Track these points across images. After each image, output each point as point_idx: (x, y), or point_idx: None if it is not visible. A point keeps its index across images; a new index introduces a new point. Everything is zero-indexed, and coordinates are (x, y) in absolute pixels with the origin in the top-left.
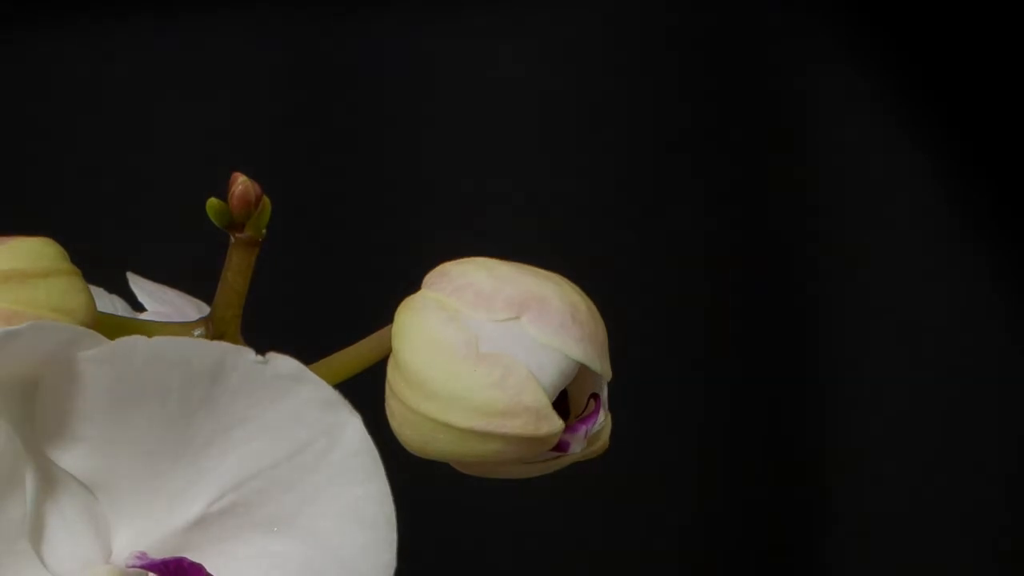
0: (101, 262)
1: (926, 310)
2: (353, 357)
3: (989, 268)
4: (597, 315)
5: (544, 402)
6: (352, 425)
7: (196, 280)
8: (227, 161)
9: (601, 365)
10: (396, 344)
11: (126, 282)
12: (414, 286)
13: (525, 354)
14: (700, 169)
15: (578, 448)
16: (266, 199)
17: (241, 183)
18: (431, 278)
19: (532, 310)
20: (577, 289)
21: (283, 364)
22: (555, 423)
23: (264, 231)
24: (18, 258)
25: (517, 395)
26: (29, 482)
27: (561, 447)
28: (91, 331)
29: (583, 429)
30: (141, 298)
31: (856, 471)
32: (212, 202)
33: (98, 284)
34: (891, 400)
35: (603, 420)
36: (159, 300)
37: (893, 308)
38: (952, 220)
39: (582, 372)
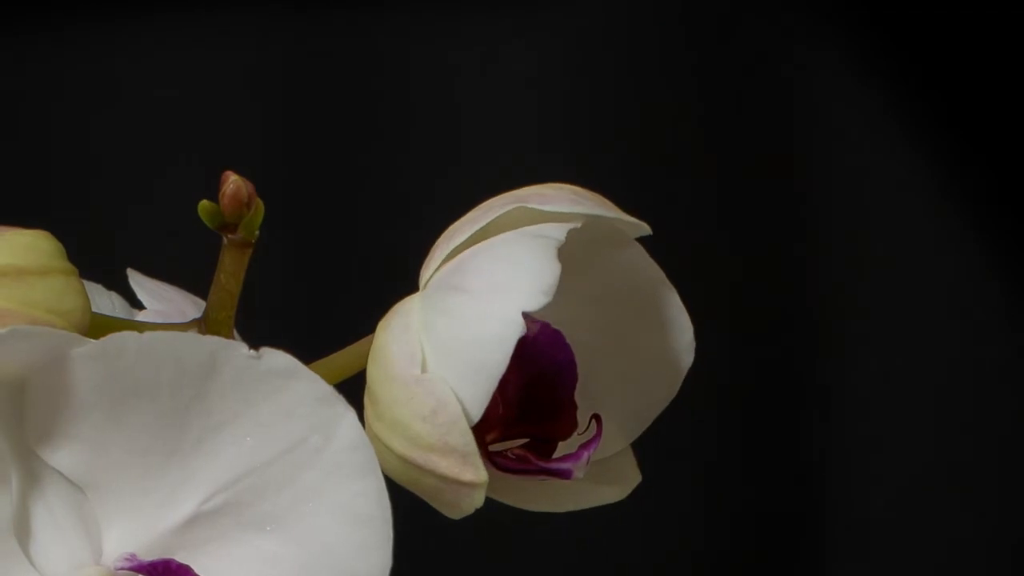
0: (100, 258)
1: (926, 310)
2: (350, 358)
3: (989, 268)
4: (598, 195)
5: (471, 447)
6: (347, 420)
7: (196, 279)
8: (225, 161)
9: (631, 219)
10: (369, 355)
11: (125, 279)
12: (413, 287)
13: (530, 240)
14: (699, 169)
15: (581, 474)
16: (259, 200)
17: (232, 182)
18: (428, 258)
19: (533, 199)
20: None
21: (276, 359)
22: (479, 473)
23: (257, 232)
24: (15, 253)
25: (446, 434)
26: (15, 482)
27: (563, 475)
28: (77, 336)
29: (585, 455)
30: (140, 295)
31: (855, 472)
32: (204, 204)
33: (96, 280)
34: (891, 400)
35: (629, 466)
36: (158, 298)
37: (893, 308)
38: (952, 219)
39: (587, 369)
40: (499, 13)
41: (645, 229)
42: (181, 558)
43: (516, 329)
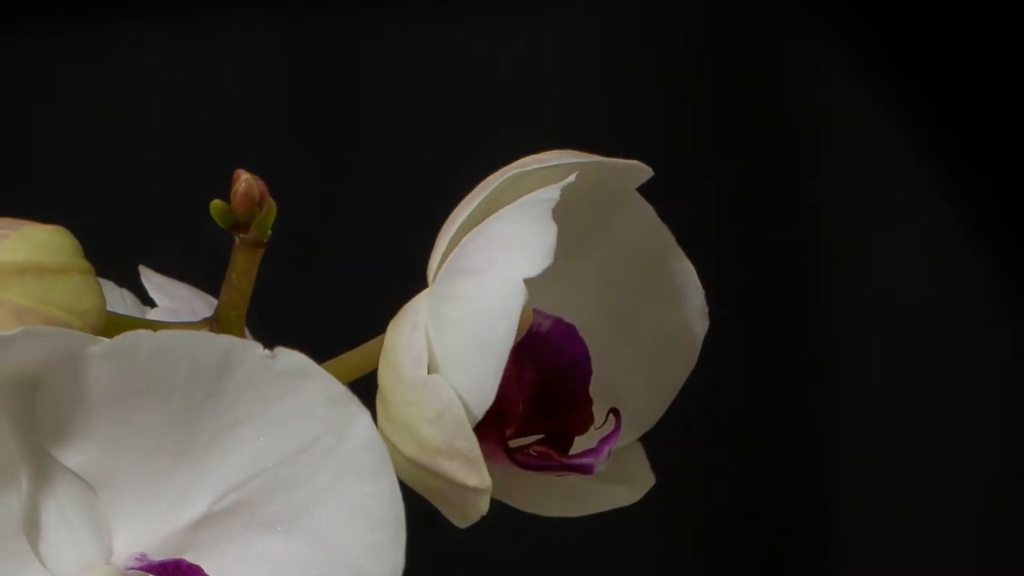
0: (112, 256)
1: (927, 310)
2: (362, 358)
3: (989, 268)
4: (595, 155)
5: (475, 451)
6: (361, 421)
7: (206, 278)
8: (236, 159)
9: (628, 162)
10: (381, 355)
11: (137, 276)
12: (424, 284)
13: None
14: (699, 170)
15: (602, 468)
16: (271, 199)
17: (244, 181)
18: (433, 249)
19: (531, 163)
20: None
21: (291, 359)
22: (483, 478)
23: (269, 232)
24: (33, 250)
25: (451, 437)
26: (26, 480)
27: (584, 469)
28: (89, 336)
29: (605, 449)
30: (152, 292)
31: (855, 473)
32: (216, 203)
33: (108, 278)
34: (891, 399)
35: (640, 460)
36: (170, 295)
37: (894, 308)
38: (952, 220)
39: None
40: (499, 13)
41: (646, 172)
42: (192, 558)
43: (519, 297)
